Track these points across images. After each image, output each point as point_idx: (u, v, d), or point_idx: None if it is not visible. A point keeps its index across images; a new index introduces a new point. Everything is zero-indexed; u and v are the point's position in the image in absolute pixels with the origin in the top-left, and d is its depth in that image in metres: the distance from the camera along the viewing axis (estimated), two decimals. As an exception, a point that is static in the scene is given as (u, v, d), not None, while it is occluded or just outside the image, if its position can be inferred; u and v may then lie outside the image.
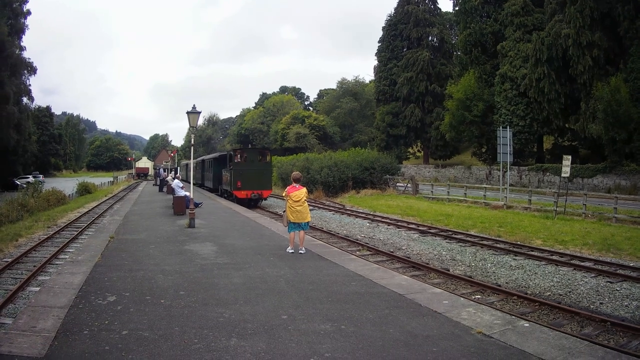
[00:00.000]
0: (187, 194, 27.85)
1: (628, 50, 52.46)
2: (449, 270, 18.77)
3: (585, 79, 54.60)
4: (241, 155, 40.52)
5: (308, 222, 16.62)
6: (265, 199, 42.37)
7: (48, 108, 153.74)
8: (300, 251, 16.26)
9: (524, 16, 66.94)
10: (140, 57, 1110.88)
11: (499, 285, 16.74)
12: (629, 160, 52.07)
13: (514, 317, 10.51)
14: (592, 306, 14.64)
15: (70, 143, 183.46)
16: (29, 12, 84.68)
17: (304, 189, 16.22)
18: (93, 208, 41.68)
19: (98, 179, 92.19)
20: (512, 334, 8.67)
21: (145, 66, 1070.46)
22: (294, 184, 16.22)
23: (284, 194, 16.47)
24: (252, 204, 39.43)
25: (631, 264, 19.39)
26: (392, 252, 22.17)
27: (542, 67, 58.74)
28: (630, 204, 36.66)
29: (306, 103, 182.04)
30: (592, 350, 8.13)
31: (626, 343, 11.39)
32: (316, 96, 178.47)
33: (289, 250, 16.36)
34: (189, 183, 27.13)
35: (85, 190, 62.06)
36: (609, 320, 12.75)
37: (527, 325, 9.40)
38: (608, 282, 16.72)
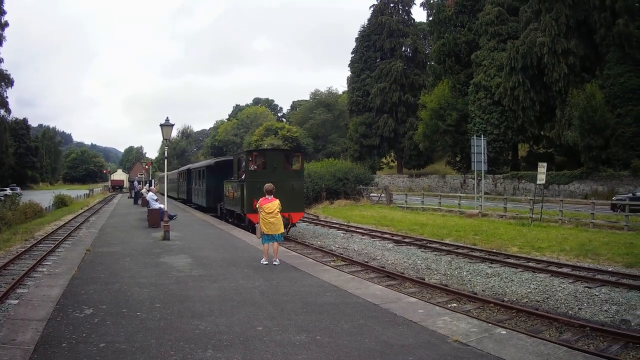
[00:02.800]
0: (162, 206, 27.83)
1: (604, 57, 53.01)
2: (424, 279, 18.56)
3: (560, 86, 54.98)
4: (258, 160, 28.08)
5: (282, 234, 16.88)
6: (295, 225, 29.22)
7: (25, 120, 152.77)
8: (274, 262, 16.21)
9: (499, 25, 67.52)
10: (117, 68, 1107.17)
11: (475, 293, 16.57)
12: (606, 166, 52.47)
13: (490, 324, 10.44)
14: (570, 312, 14.54)
15: (47, 155, 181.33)
16: (6, 24, 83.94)
17: (277, 201, 16.36)
18: (69, 221, 41.54)
19: (74, 192, 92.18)
20: (489, 341, 8.56)
21: (121, 78, 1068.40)
22: (266, 196, 16.34)
23: (257, 206, 16.47)
24: None
25: (610, 269, 19.39)
26: (366, 262, 21.97)
27: (516, 76, 59.15)
28: (607, 210, 36.83)
29: (279, 114, 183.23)
30: (570, 355, 8.06)
31: (606, 348, 11.30)
32: (289, 107, 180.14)
33: (263, 261, 16.29)
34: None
35: (61, 202, 62.15)
36: (588, 325, 12.65)
37: (504, 332, 9.33)
38: (587, 287, 16.71)
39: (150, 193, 32.32)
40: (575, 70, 54.91)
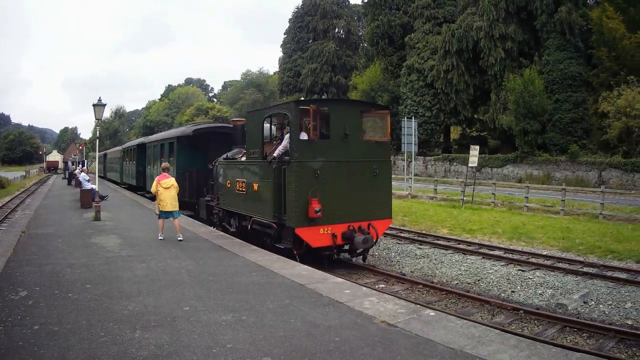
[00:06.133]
0: (94, 186, 27.58)
1: (544, 43, 53.94)
2: (351, 260, 17.72)
3: (496, 70, 55.48)
4: (315, 120, 15.18)
5: (179, 211, 17.13)
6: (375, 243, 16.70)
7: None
8: (178, 238, 16.45)
9: (435, 8, 67.71)
10: (53, 49, 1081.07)
11: (404, 275, 16.12)
12: (542, 151, 53.23)
13: (419, 306, 10.30)
14: (503, 295, 14.18)
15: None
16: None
17: (173, 179, 16.81)
18: (6, 203, 40.19)
19: (12, 174, 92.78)
20: (417, 323, 8.44)
21: (58, 58, 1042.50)
22: (163, 173, 16.79)
23: (154, 184, 16.76)
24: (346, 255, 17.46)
25: (544, 253, 19.30)
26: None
27: (450, 59, 59.46)
28: (542, 193, 37.03)
29: (211, 95, 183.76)
30: (503, 338, 7.88)
31: (542, 331, 11.06)
32: (221, 88, 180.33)
33: (160, 237, 16.68)
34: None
35: (-1, 185, 60.90)
36: (521, 308, 12.45)
37: (433, 314, 9.20)
38: (520, 270, 16.60)
39: (83, 174, 31.71)
40: (513, 55, 55.61)
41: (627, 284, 14.79)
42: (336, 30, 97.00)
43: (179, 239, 16.42)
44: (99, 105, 23.88)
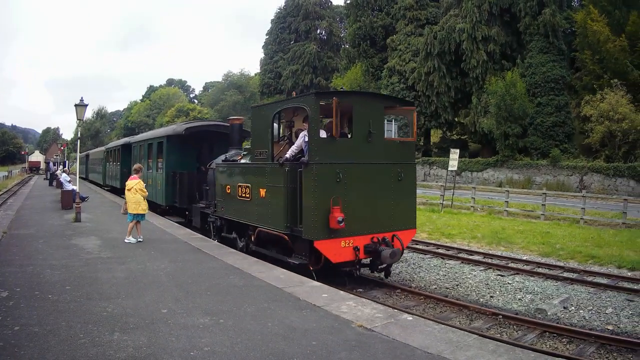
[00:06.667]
0: (74, 187, 27.20)
1: (527, 46, 54.28)
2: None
3: (478, 73, 55.68)
4: (336, 115, 12.94)
5: (143, 214, 17.11)
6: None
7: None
8: (139, 239, 16.63)
9: (418, 10, 67.98)
10: (38, 49, 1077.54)
11: (382, 279, 15.77)
12: (523, 155, 53.49)
13: (396, 310, 10.34)
14: (482, 300, 14.06)
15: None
16: None
17: (138, 180, 16.71)
18: None
19: None
20: (395, 327, 8.46)
21: (42, 58, 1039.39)
22: (133, 175, 16.95)
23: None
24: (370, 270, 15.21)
25: (524, 257, 19.32)
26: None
27: (432, 61, 59.56)
28: (523, 198, 36.99)
29: (192, 96, 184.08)
30: (482, 343, 7.88)
31: (521, 336, 10.98)
32: (202, 89, 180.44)
33: (126, 240, 16.63)
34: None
35: (-18, 186, 59.99)
36: (500, 313, 12.32)
37: (410, 318, 9.17)
38: (499, 275, 16.51)
39: (64, 174, 32.04)
40: (495, 57, 55.81)
41: (608, 289, 14.76)
42: (318, 31, 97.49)
43: (139, 240, 16.61)
44: (80, 106, 23.66)
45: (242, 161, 16.85)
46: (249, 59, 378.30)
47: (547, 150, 50.50)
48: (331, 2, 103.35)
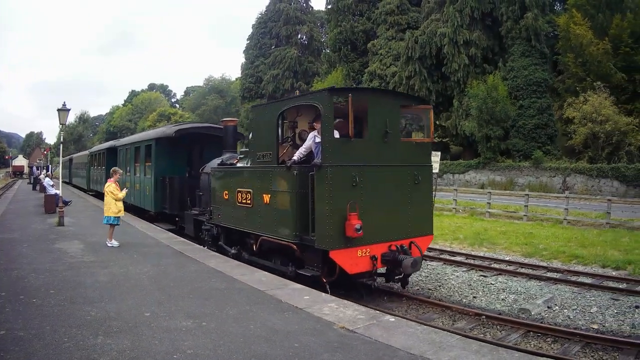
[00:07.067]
0: (58, 192, 27.48)
1: (509, 50, 54.61)
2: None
3: (459, 76, 56.03)
4: (351, 113, 11.36)
5: (116, 217, 16.82)
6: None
7: None
8: (108, 243, 16.62)
9: (399, 15, 68.17)
10: (22, 52, 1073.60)
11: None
12: (505, 157, 53.75)
13: (378, 312, 10.21)
14: (464, 300, 13.95)
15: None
16: None
17: (109, 183, 16.77)
18: None
19: None
20: (377, 328, 8.45)
21: (26, 62, 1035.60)
22: (110, 178, 17.06)
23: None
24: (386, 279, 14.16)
25: (507, 258, 19.29)
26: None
27: (413, 65, 59.81)
28: (505, 199, 37.05)
29: (173, 100, 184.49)
30: (465, 344, 7.86)
31: (504, 336, 10.91)
32: (183, 93, 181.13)
33: (108, 244, 16.60)
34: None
35: (-32, 191, 60.17)
36: (483, 314, 12.22)
37: (393, 320, 9.13)
38: (482, 275, 16.52)
39: (47, 179, 32.24)
40: (476, 61, 56.14)
41: (592, 288, 14.73)
42: (299, 36, 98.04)
43: (107, 244, 16.58)
44: (63, 110, 23.87)
45: (240, 165, 16.01)
46: (230, 64, 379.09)
47: (530, 152, 50.77)
48: (312, 7, 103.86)
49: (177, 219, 21.90)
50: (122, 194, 16.67)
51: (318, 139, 12.19)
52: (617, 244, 20.80)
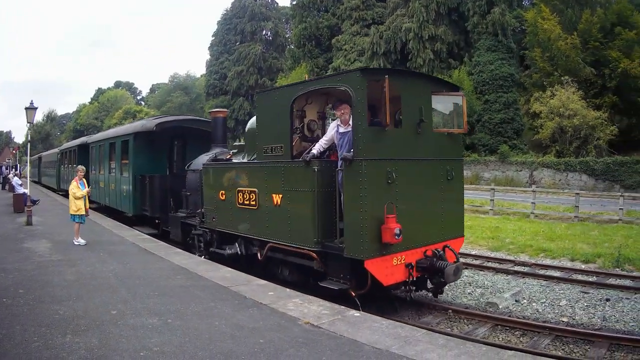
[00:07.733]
0: (26, 191, 28.09)
1: (475, 44, 54.98)
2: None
3: (424, 72, 55.00)
4: (384, 98, 9.52)
5: (80, 215, 16.76)
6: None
7: None
8: (74, 242, 16.72)
9: (364, 10, 68.38)
10: None
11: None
12: (470, 151, 53.79)
13: (343, 307, 9.78)
14: (430, 295, 13.15)
15: None
16: None
17: (73, 182, 16.80)
18: None
19: None
20: (342, 324, 8.51)
21: None
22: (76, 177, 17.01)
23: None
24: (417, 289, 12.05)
25: (473, 252, 19.23)
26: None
27: (378, 60, 59.72)
28: (471, 194, 36.73)
29: (139, 97, 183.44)
30: (431, 338, 7.88)
31: (472, 330, 10.77)
32: (149, 91, 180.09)
33: (75, 242, 16.65)
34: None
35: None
36: (450, 308, 12.07)
37: (358, 315, 9.12)
38: None
39: (16, 178, 33.30)
40: (442, 56, 56.50)
41: (561, 281, 14.69)
42: (264, 32, 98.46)
43: (74, 242, 16.71)
44: (30, 109, 24.36)
45: (234, 160, 14.53)
46: (195, 61, 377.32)
47: (496, 147, 51.16)
48: (277, 3, 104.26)
49: (156, 221, 20.36)
50: (80, 192, 16.37)
51: (342, 129, 10.73)
52: (586, 237, 20.78)
